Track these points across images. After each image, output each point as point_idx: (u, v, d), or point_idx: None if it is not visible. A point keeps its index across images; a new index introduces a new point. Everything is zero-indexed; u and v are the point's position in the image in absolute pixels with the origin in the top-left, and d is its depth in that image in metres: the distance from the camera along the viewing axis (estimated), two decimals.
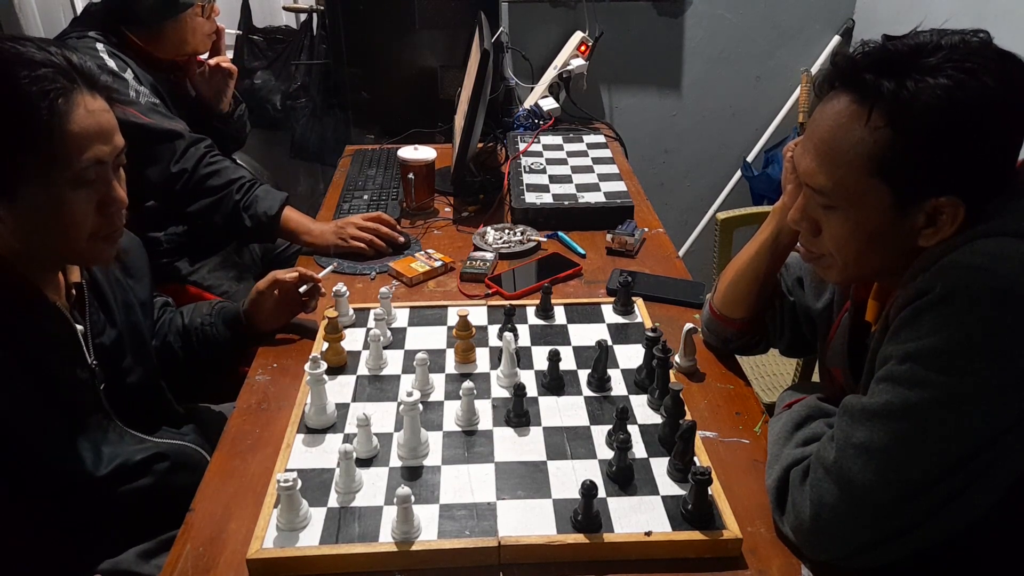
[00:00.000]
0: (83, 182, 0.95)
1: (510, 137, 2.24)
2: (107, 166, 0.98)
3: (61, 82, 0.91)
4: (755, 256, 1.21)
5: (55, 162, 0.92)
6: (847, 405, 0.90)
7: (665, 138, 2.92)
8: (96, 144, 0.95)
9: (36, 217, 0.95)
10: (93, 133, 0.94)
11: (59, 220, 0.96)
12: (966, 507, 0.84)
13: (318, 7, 2.48)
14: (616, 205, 1.81)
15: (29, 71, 0.89)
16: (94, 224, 0.99)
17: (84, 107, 0.93)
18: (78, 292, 1.10)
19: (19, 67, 0.90)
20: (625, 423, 1.04)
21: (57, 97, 0.90)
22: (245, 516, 1.00)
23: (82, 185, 0.95)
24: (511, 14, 2.56)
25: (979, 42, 0.83)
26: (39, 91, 0.89)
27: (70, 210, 0.95)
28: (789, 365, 2.12)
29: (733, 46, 2.77)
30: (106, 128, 0.96)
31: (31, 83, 0.89)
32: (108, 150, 0.97)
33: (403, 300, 1.50)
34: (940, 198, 0.84)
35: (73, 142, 0.92)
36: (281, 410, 1.20)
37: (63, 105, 0.91)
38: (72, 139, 0.92)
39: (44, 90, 0.89)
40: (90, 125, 0.94)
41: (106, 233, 1.01)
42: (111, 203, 0.99)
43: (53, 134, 0.90)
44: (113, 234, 1.03)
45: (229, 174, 1.68)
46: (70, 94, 0.92)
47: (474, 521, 0.97)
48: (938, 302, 0.81)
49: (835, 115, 0.87)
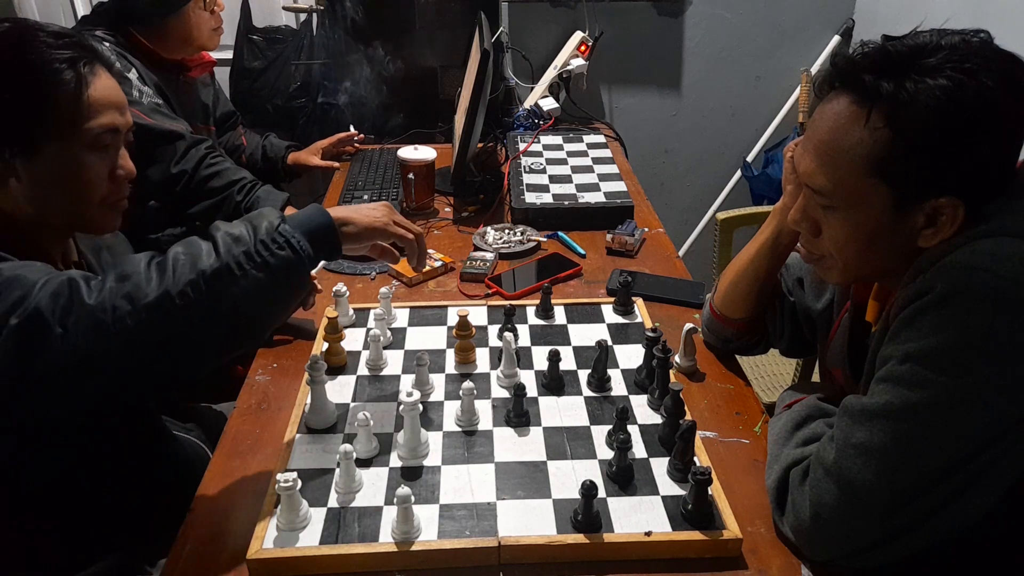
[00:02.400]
0: (99, 147, 1.00)
1: (510, 137, 2.24)
2: (120, 135, 1.04)
3: (85, 53, 0.99)
4: (755, 256, 1.21)
5: (76, 124, 0.97)
6: (847, 405, 0.90)
7: (665, 138, 2.92)
8: (114, 112, 1.01)
9: (53, 176, 0.98)
10: (112, 102, 1.01)
11: (75, 181, 1.00)
12: (966, 507, 0.84)
13: (318, 7, 2.47)
14: (616, 205, 1.81)
15: (56, 39, 0.97)
16: (105, 189, 1.03)
17: (102, 78, 1.00)
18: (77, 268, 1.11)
19: (46, 36, 0.97)
20: (625, 423, 1.04)
21: (83, 63, 0.97)
22: (245, 516, 0.99)
23: (98, 149, 1.00)
24: (511, 14, 2.56)
25: (979, 42, 0.83)
26: (66, 58, 0.96)
27: (86, 172, 1.00)
28: (789, 365, 2.12)
29: (733, 46, 2.77)
30: (118, 101, 1.03)
31: (58, 49, 0.96)
32: (123, 121, 1.03)
33: (403, 300, 1.50)
34: (940, 198, 0.84)
35: (94, 106, 0.98)
36: (281, 410, 1.20)
37: (87, 72, 0.98)
38: (94, 103, 0.98)
39: (71, 57, 0.96)
40: (110, 94, 1.01)
41: (114, 200, 1.06)
42: (122, 171, 1.05)
43: (79, 96, 0.96)
44: (119, 202, 1.08)
45: (230, 175, 1.68)
46: (93, 64, 0.99)
47: (474, 521, 0.97)
48: (938, 302, 0.81)
49: (834, 116, 0.87)
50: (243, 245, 0.88)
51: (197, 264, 0.86)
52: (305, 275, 0.94)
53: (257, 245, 0.88)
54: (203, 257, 0.87)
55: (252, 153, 2.15)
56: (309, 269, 0.94)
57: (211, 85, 2.04)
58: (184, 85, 1.87)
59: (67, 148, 0.98)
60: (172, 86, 1.80)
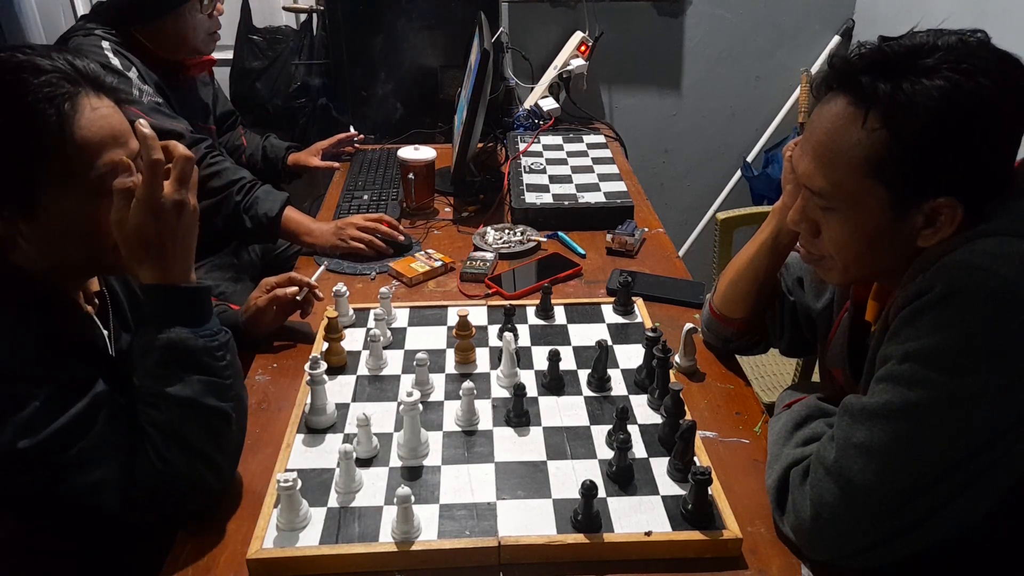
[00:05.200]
0: (102, 191, 0.91)
1: (510, 137, 2.24)
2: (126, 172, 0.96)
3: (65, 87, 0.89)
4: (755, 256, 1.21)
5: (70, 171, 0.90)
6: (847, 405, 0.90)
7: (665, 138, 2.92)
8: (109, 149, 0.92)
9: (61, 230, 0.92)
10: (105, 136, 0.92)
11: (86, 230, 0.93)
12: (966, 507, 0.84)
13: (318, 7, 2.47)
14: (616, 205, 1.81)
15: (33, 77, 0.88)
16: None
17: (91, 109, 0.91)
18: (100, 300, 1.08)
19: (24, 74, 0.88)
20: (625, 423, 1.04)
21: (63, 102, 0.89)
22: (245, 516, 1.00)
23: (102, 195, 0.92)
24: (511, 14, 2.56)
25: (976, 42, 0.83)
26: (44, 97, 0.87)
27: (95, 219, 0.93)
28: (789, 365, 2.12)
29: (733, 46, 2.77)
30: (118, 131, 0.94)
31: (36, 89, 0.87)
32: (127, 151, 0.94)
33: (403, 300, 1.50)
34: (938, 199, 0.84)
35: (85, 147, 0.90)
36: (281, 410, 1.20)
37: (69, 109, 0.89)
38: (83, 144, 0.90)
39: (49, 96, 0.88)
40: (100, 129, 0.91)
41: None
42: None
43: (64, 140, 0.88)
44: None
45: (230, 175, 1.68)
46: (75, 98, 0.90)
47: (474, 521, 0.97)
48: (938, 302, 0.81)
49: (832, 117, 0.87)
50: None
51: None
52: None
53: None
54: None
55: (252, 154, 2.15)
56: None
57: (210, 84, 2.04)
58: (184, 84, 1.87)
59: (70, 197, 0.91)
60: (172, 85, 1.80)
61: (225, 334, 1.00)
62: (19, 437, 0.85)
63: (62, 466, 0.88)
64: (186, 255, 0.95)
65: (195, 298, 0.97)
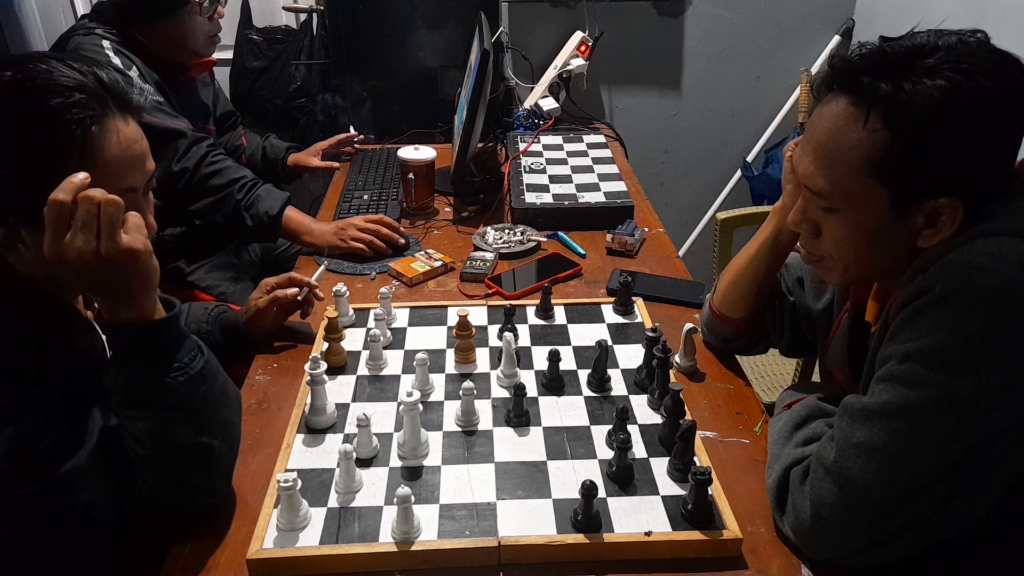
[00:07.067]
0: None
1: (510, 137, 2.24)
2: (137, 193, 0.94)
3: (96, 108, 0.88)
4: (755, 256, 1.21)
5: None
6: (847, 405, 0.90)
7: (665, 138, 2.92)
8: (128, 174, 0.92)
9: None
10: (126, 162, 0.91)
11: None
12: (966, 507, 0.84)
13: (318, 7, 2.48)
14: (616, 205, 1.81)
15: (63, 98, 0.86)
16: None
17: (118, 134, 0.90)
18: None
19: (51, 93, 0.86)
20: (625, 423, 1.04)
21: (91, 124, 0.87)
22: (245, 516, 1.00)
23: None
24: (511, 14, 2.56)
25: (976, 42, 0.83)
26: (73, 119, 0.86)
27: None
28: (789, 365, 2.12)
29: (733, 46, 2.77)
30: (138, 156, 0.93)
31: (64, 110, 0.86)
32: (139, 178, 0.94)
33: (403, 300, 1.50)
34: (939, 199, 0.84)
35: (106, 170, 0.88)
36: (281, 410, 1.20)
37: (97, 132, 0.88)
38: (105, 167, 0.88)
39: (78, 118, 0.86)
40: (123, 153, 0.91)
41: None
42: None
43: (85, 158, 0.87)
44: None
45: (231, 174, 1.68)
46: (103, 120, 0.89)
47: (474, 521, 0.97)
48: (937, 302, 0.81)
49: (833, 118, 0.87)
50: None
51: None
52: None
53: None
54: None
55: (252, 154, 2.16)
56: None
57: (211, 84, 2.04)
58: (184, 85, 1.87)
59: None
60: (173, 85, 1.80)
61: (200, 358, 0.93)
62: (10, 453, 0.85)
63: (53, 483, 0.87)
64: (143, 291, 0.88)
65: (158, 334, 0.90)
